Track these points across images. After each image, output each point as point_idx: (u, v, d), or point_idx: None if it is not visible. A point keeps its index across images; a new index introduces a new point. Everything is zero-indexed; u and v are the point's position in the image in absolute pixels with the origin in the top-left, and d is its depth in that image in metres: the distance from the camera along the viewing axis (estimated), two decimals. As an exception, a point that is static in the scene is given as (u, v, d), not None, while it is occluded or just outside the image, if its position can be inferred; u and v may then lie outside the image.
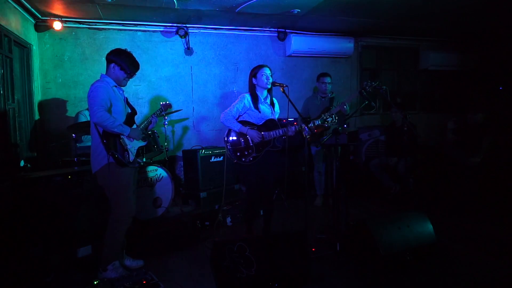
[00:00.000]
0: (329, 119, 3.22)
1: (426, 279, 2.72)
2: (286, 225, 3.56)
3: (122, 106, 2.89)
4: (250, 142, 3.21)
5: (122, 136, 2.80)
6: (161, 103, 3.39)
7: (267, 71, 3.24)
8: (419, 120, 6.72)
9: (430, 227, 3.02)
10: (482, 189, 4.67)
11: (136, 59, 2.99)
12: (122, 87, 3.00)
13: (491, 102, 6.97)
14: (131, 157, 2.84)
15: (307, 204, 3.12)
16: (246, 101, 3.26)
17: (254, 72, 3.29)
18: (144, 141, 3.03)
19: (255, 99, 3.28)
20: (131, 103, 3.09)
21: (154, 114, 3.21)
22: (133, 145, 2.90)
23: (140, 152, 4.10)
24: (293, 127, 3.21)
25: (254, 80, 3.28)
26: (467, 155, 4.53)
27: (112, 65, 2.86)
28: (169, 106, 3.45)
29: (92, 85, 2.75)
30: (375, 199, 5.11)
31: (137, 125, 3.02)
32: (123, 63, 2.86)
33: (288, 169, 5.11)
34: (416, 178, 5.23)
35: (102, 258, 2.81)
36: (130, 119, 2.95)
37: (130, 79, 3.01)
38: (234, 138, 3.24)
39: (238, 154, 3.21)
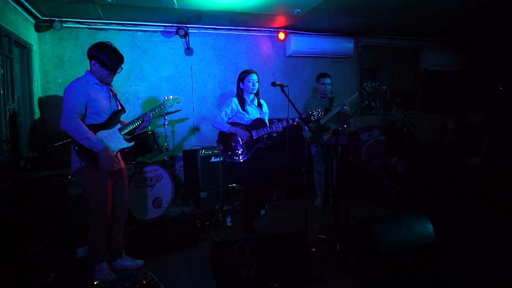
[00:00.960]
0: (315, 113, 3.26)
1: (426, 279, 2.72)
2: (286, 225, 3.57)
3: (103, 105, 2.72)
4: (240, 141, 3.35)
5: (100, 138, 2.66)
6: (165, 97, 3.12)
7: (253, 77, 3.37)
8: (419, 120, 6.72)
9: (430, 227, 3.01)
10: (482, 189, 4.67)
11: (119, 51, 2.75)
12: (108, 84, 2.81)
13: (491, 102, 6.97)
14: None
15: (307, 204, 3.12)
16: (233, 104, 3.41)
17: (242, 76, 3.41)
18: (130, 142, 2.85)
19: (242, 102, 3.42)
20: (131, 103, 3.04)
21: (150, 111, 2.94)
22: (112, 148, 2.73)
23: (140, 152, 4.13)
24: (279, 124, 3.31)
25: (241, 85, 3.42)
26: (467, 155, 4.53)
27: (93, 62, 2.68)
28: (175, 100, 3.15)
29: (68, 84, 2.62)
30: (375, 199, 5.11)
31: (122, 124, 2.82)
32: (104, 58, 2.64)
33: (288, 169, 5.14)
34: (416, 178, 5.23)
35: (88, 259, 2.83)
36: (115, 117, 2.80)
37: (114, 75, 2.77)
38: (225, 139, 3.39)
39: (230, 153, 3.36)
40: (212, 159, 4.80)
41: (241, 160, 3.33)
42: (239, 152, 3.34)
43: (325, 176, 4.94)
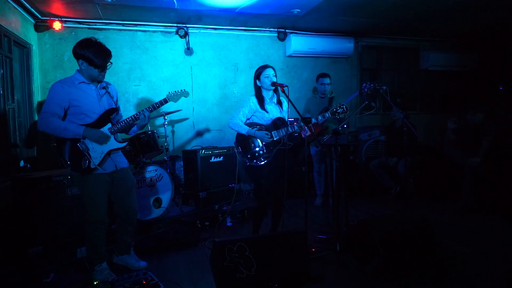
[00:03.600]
0: (340, 110, 3.16)
1: (426, 279, 2.72)
2: (286, 225, 3.56)
3: (89, 104, 2.63)
4: (260, 143, 3.14)
5: (83, 140, 2.58)
6: (169, 92, 2.92)
7: (270, 72, 3.15)
8: (419, 120, 6.72)
9: (430, 227, 3.02)
10: (482, 189, 4.67)
11: (106, 46, 2.66)
12: (99, 82, 2.72)
13: (491, 102, 6.97)
14: (93, 163, 2.60)
15: (307, 204, 3.12)
16: (251, 103, 3.19)
17: (258, 73, 3.21)
18: (121, 143, 2.75)
19: (260, 100, 3.20)
20: (131, 103, 2.97)
21: (147, 108, 2.78)
22: (102, 149, 2.65)
23: (140, 152, 4.13)
24: (301, 123, 3.12)
25: (257, 82, 3.22)
26: (467, 155, 4.53)
27: (80, 61, 2.58)
28: (181, 94, 2.95)
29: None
30: (375, 199, 5.11)
31: (112, 124, 2.71)
32: (90, 56, 2.55)
33: (288, 169, 5.13)
34: (416, 178, 5.23)
35: (87, 260, 2.83)
36: (105, 116, 2.69)
37: (105, 71, 2.67)
38: (244, 140, 3.18)
39: (249, 156, 3.14)
40: (212, 159, 4.80)
41: (262, 164, 3.11)
42: (259, 154, 3.11)
43: (324, 176, 4.93)
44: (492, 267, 2.91)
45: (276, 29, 5.99)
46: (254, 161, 3.11)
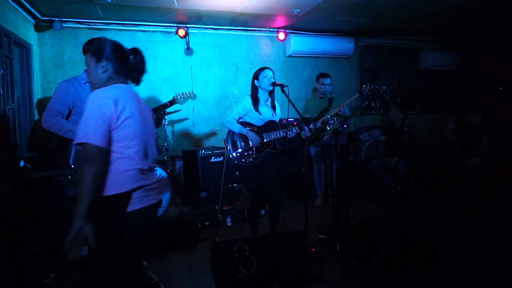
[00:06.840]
0: (331, 121, 3.21)
1: (426, 279, 2.72)
2: (286, 225, 3.57)
3: None
4: (250, 143, 3.18)
5: None
6: (176, 94, 2.91)
7: (269, 73, 3.19)
8: (419, 120, 6.72)
9: (430, 227, 3.01)
10: (482, 189, 4.67)
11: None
12: None
13: (491, 102, 6.97)
14: None
15: (307, 204, 3.12)
16: (246, 103, 3.22)
17: (257, 73, 3.24)
18: None
19: (255, 101, 3.23)
20: None
21: (158, 107, 2.79)
22: None
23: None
24: (293, 129, 3.18)
25: (256, 82, 3.24)
26: (467, 155, 4.53)
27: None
28: (188, 97, 2.92)
29: None
30: (375, 199, 5.11)
31: None
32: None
33: (288, 169, 5.13)
34: (416, 178, 5.23)
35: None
36: None
37: None
38: (235, 139, 3.22)
39: (238, 154, 3.18)
40: (212, 159, 4.80)
41: (250, 164, 3.15)
42: (248, 154, 3.15)
43: (324, 176, 4.93)
44: (492, 267, 2.91)
45: (276, 29, 5.99)
46: (242, 160, 3.15)
